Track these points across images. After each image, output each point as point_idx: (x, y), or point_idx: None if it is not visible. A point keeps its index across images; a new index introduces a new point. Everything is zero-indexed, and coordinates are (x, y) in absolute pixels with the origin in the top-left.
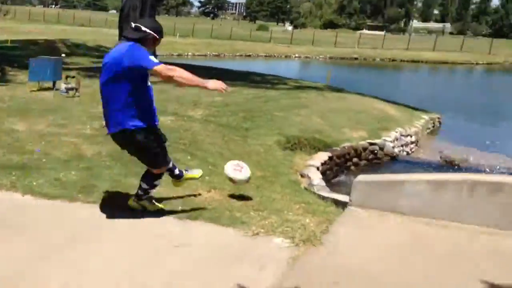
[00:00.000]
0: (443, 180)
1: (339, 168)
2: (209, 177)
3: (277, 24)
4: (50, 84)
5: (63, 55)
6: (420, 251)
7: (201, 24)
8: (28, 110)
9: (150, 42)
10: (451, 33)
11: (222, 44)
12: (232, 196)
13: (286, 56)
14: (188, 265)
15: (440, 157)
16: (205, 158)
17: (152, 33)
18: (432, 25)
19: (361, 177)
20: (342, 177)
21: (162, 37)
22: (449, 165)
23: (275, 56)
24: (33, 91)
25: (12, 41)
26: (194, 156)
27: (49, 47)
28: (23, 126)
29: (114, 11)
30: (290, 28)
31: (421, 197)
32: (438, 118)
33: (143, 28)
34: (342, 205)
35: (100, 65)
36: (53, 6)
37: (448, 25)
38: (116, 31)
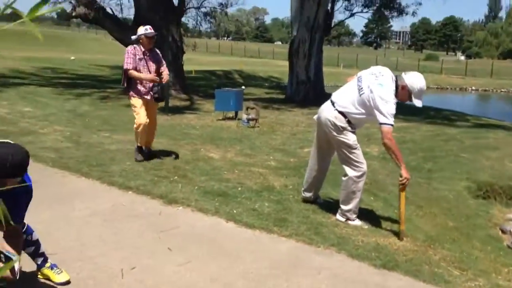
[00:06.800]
0: None
1: None
2: (398, 224)
3: (447, 53)
4: (233, 114)
5: (243, 87)
6: None
7: (364, 54)
8: (218, 139)
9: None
10: None
11: None
12: (427, 247)
13: (460, 89)
14: None
15: None
16: (389, 201)
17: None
18: None
19: None
20: None
21: None
22: None
23: (447, 88)
24: (219, 120)
25: (196, 72)
26: (377, 198)
27: (226, 78)
28: (216, 154)
29: (280, 43)
30: (462, 58)
31: None
32: None
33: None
34: None
35: (273, 96)
36: (225, 38)
37: None
38: (283, 62)
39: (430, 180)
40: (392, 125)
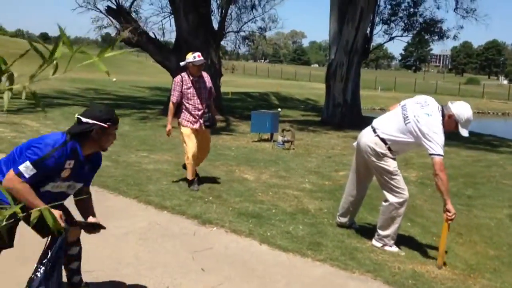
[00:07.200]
0: None
1: None
2: (435, 250)
3: (489, 77)
4: (268, 136)
5: (279, 109)
6: None
7: (402, 78)
8: (253, 160)
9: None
10: None
11: None
12: (466, 276)
13: (503, 114)
14: None
15: None
16: (426, 227)
17: None
18: None
19: None
20: None
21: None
22: None
23: (489, 113)
24: (254, 141)
25: (232, 93)
26: (415, 223)
27: (263, 100)
28: (251, 175)
29: (316, 65)
30: (505, 82)
31: None
32: None
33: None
34: None
35: (309, 118)
36: (263, 61)
37: None
38: (319, 85)
39: (470, 207)
40: (443, 155)
